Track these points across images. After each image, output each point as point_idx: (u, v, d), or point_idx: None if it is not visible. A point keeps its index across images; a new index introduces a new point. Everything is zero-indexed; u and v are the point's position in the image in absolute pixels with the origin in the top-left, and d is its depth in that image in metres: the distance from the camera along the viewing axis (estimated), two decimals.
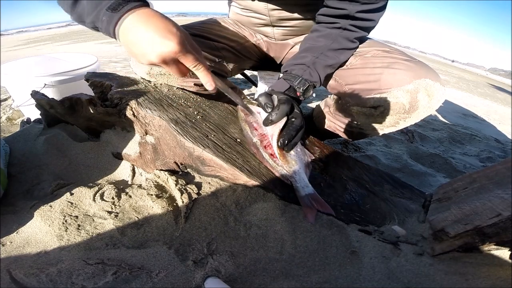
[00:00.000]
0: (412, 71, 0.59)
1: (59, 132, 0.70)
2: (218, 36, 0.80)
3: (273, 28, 0.80)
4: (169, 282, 0.40)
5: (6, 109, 1.44)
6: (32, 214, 0.49)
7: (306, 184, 0.52)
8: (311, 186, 0.52)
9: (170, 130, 0.57)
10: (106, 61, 3.18)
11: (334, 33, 0.65)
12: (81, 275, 0.40)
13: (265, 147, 0.58)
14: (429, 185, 0.95)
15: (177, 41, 0.41)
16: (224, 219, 0.49)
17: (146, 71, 0.73)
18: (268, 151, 0.57)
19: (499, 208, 0.38)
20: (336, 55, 0.66)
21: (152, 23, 0.41)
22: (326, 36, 0.66)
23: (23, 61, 1.45)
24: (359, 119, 0.69)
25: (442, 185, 0.55)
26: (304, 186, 0.52)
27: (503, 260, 0.39)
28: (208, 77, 0.47)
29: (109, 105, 0.66)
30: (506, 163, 0.47)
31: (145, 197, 0.53)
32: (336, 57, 0.66)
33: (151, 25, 0.41)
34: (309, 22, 0.77)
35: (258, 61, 0.92)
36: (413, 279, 0.40)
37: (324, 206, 0.49)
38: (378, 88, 0.61)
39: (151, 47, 0.41)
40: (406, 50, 6.48)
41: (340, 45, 0.65)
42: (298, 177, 0.53)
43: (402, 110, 0.60)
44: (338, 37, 0.65)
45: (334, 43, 0.65)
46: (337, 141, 1.19)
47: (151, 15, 0.42)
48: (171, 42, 0.41)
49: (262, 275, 0.42)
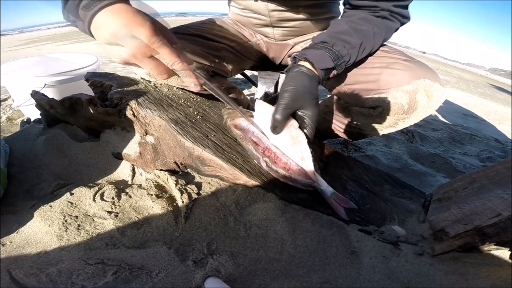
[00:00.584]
0: (411, 71, 0.58)
1: (59, 132, 0.70)
2: (218, 36, 0.80)
3: (273, 29, 0.80)
4: (169, 282, 0.40)
5: (6, 109, 1.44)
6: (32, 214, 0.49)
7: (326, 185, 0.50)
8: (330, 187, 0.50)
9: (170, 130, 0.57)
10: (106, 61, 3.18)
11: (375, 20, 0.60)
12: (81, 275, 0.40)
13: (274, 162, 0.52)
14: (429, 185, 0.95)
15: (148, 33, 0.38)
16: (224, 219, 0.49)
17: (146, 71, 0.73)
18: (280, 165, 0.51)
19: (499, 208, 0.38)
20: (375, 43, 0.60)
21: (122, 16, 0.38)
22: (367, 21, 0.59)
23: (23, 61, 1.45)
24: (358, 119, 0.69)
25: (442, 185, 0.55)
26: (326, 188, 0.50)
27: (503, 260, 0.39)
28: (190, 77, 0.43)
29: (109, 105, 0.66)
30: (506, 163, 0.47)
31: (145, 197, 0.53)
32: (373, 46, 0.60)
33: (121, 19, 0.38)
34: (309, 22, 0.77)
35: (258, 61, 0.92)
36: (413, 279, 0.40)
37: (346, 202, 0.49)
38: (377, 88, 0.61)
39: (120, 43, 0.38)
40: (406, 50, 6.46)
41: (381, 34, 0.60)
42: (319, 180, 0.50)
43: (400, 111, 0.60)
44: (381, 25, 0.60)
45: (376, 29, 0.59)
46: (337, 141, 1.19)
47: (122, 10, 0.39)
48: (140, 35, 0.37)
49: (262, 275, 0.42)
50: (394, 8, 0.59)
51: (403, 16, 0.61)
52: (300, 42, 0.82)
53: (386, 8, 0.59)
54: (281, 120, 0.50)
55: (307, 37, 0.81)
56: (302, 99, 0.50)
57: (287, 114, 0.50)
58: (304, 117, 0.51)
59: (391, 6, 0.59)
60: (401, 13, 0.61)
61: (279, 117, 0.49)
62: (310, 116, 0.50)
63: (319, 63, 0.54)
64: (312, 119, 0.50)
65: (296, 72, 0.53)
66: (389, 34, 0.63)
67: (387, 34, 0.62)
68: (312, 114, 0.50)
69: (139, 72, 0.76)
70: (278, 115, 0.49)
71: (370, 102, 0.63)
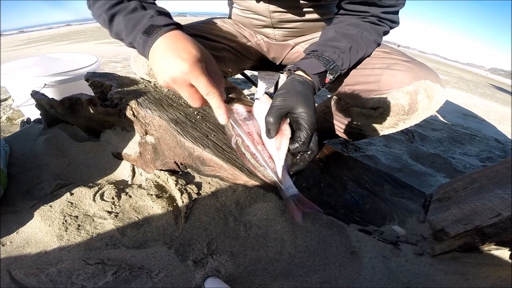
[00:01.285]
0: (412, 72, 0.59)
1: (59, 132, 0.70)
2: (218, 36, 0.80)
3: (274, 30, 0.80)
4: (169, 282, 0.40)
5: (6, 109, 1.44)
6: (32, 214, 0.49)
7: (291, 185, 0.49)
8: (295, 187, 0.49)
9: (170, 130, 0.57)
10: (106, 61, 3.19)
11: (364, 24, 0.62)
12: (81, 275, 0.40)
13: (247, 146, 0.52)
14: (429, 185, 0.95)
15: (191, 61, 0.39)
16: (224, 219, 0.49)
17: (146, 71, 0.73)
18: (251, 150, 0.52)
19: (499, 208, 0.38)
20: (366, 46, 0.61)
21: (174, 44, 0.42)
22: (356, 25, 0.61)
23: (23, 61, 1.45)
24: (359, 120, 0.69)
25: (442, 185, 0.55)
26: (289, 187, 0.48)
27: (503, 260, 0.39)
28: (221, 109, 0.43)
29: (109, 105, 0.66)
30: (506, 163, 0.47)
31: (145, 197, 0.53)
32: (366, 49, 0.62)
33: (172, 46, 0.41)
34: (309, 23, 0.77)
35: (258, 61, 0.92)
36: (413, 279, 0.40)
37: (310, 206, 0.47)
38: (378, 89, 0.61)
39: (165, 67, 0.41)
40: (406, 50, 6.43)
41: (370, 37, 0.61)
42: (282, 178, 0.49)
43: (401, 112, 0.60)
44: (370, 28, 0.61)
45: (365, 32, 0.61)
46: (337, 141, 1.19)
47: (176, 37, 0.43)
48: (183, 63, 0.39)
49: (262, 275, 0.42)
50: (383, 15, 0.61)
51: (392, 21, 0.63)
52: (301, 42, 0.82)
53: (376, 15, 0.61)
54: (274, 123, 0.49)
55: (307, 37, 0.81)
56: (293, 100, 0.49)
57: (278, 115, 0.49)
58: (298, 118, 0.49)
59: (380, 13, 0.60)
60: (390, 18, 0.62)
61: (271, 119, 0.49)
62: (304, 117, 0.48)
63: (311, 69, 0.55)
64: (307, 120, 0.48)
65: (289, 80, 0.55)
66: (380, 37, 0.64)
67: (377, 37, 0.63)
68: (306, 114, 0.48)
69: (139, 72, 0.76)
70: (270, 117, 0.49)
71: (371, 103, 0.63)
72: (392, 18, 0.62)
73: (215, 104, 0.42)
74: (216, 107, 0.43)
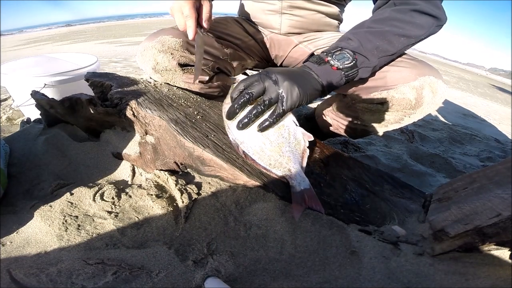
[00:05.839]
0: (416, 68, 0.61)
1: (59, 132, 0.70)
2: (222, 33, 0.80)
3: (282, 17, 0.80)
4: (169, 282, 0.40)
5: (6, 109, 1.44)
6: (32, 214, 0.49)
7: (303, 179, 0.50)
8: (307, 180, 0.49)
9: (170, 130, 0.57)
10: (106, 61, 3.19)
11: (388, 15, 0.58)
12: (81, 275, 0.40)
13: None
14: (429, 185, 0.95)
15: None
16: (224, 219, 0.49)
17: (152, 66, 0.71)
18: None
19: (499, 208, 0.38)
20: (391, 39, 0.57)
21: None
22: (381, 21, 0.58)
23: (23, 61, 1.45)
24: (364, 116, 0.70)
25: (442, 185, 0.55)
26: (301, 181, 0.49)
27: (503, 260, 0.39)
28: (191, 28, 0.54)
29: (109, 105, 0.66)
30: (506, 163, 0.47)
31: (145, 197, 0.53)
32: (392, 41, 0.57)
33: None
34: (318, 16, 0.79)
35: (260, 61, 0.92)
36: (413, 279, 0.40)
37: (316, 203, 0.48)
38: (384, 85, 0.63)
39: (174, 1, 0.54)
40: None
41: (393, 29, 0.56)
42: (294, 173, 0.49)
43: (408, 106, 0.62)
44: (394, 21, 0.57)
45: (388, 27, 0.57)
46: (337, 141, 1.19)
47: None
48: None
49: (262, 275, 0.42)
50: None
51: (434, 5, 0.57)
52: (304, 42, 0.83)
53: None
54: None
55: (311, 37, 0.82)
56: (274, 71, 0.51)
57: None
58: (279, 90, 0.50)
59: None
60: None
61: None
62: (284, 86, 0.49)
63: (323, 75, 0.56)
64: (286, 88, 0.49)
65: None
66: (410, 25, 0.57)
67: (405, 25, 0.57)
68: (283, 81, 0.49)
69: (145, 67, 0.72)
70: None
71: (379, 98, 0.64)
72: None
73: (188, 23, 0.54)
74: (189, 26, 0.54)
